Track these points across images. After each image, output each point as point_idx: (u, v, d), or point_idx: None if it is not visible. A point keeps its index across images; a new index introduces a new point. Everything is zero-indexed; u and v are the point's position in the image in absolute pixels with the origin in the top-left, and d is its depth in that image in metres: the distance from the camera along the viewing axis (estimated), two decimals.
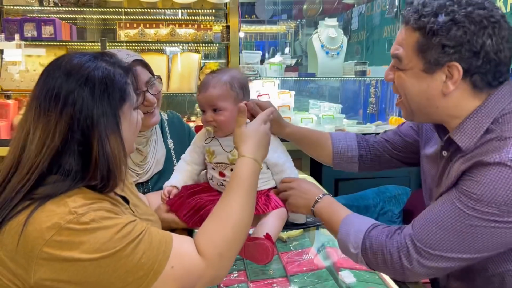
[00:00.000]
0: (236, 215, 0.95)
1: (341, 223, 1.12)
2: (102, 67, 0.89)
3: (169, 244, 0.87)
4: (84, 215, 0.81)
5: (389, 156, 1.40)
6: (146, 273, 0.83)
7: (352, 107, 4.88)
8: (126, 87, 0.92)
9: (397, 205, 2.86)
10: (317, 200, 1.21)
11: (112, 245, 0.81)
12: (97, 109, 0.85)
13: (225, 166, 1.26)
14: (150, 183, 1.50)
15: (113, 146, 0.87)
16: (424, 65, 1.01)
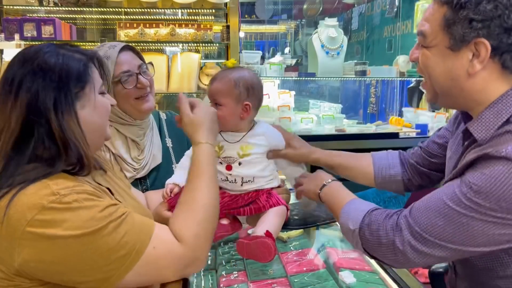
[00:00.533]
0: (203, 197, 1.01)
1: (345, 204, 1.11)
2: (56, 53, 0.92)
3: (151, 227, 0.91)
4: (66, 196, 0.83)
5: (428, 169, 1.34)
6: (129, 252, 0.85)
7: (352, 107, 4.89)
8: (84, 71, 0.94)
9: (397, 205, 2.86)
10: (325, 184, 1.20)
11: (94, 223, 0.83)
12: (48, 94, 0.88)
13: (234, 159, 1.27)
14: (148, 180, 1.50)
15: (71, 128, 0.90)
16: (449, 41, 0.96)
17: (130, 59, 1.41)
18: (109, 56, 1.36)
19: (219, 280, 1.19)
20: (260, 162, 1.28)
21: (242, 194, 1.27)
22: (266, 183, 1.29)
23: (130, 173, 1.44)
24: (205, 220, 0.98)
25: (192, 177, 1.05)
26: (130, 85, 1.39)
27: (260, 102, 1.32)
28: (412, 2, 3.82)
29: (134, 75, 1.39)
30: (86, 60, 0.97)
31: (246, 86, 1.25)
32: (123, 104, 1.40)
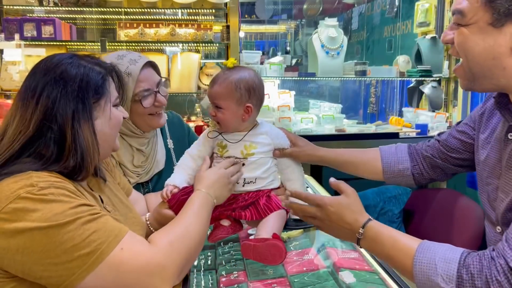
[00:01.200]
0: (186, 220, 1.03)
1: (416, 252, 0.91)
2: (77, 65, 0.97)
3: (123, 231, 0.90)
4: (44, 188, 0.85)
5: (445, 162, 1.29)
6: (93, 251, 0.84)
7: (352, 107, 4.89)
8: (101, 83, 0.99)
9: (397, 205, 2.86)
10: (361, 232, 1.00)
11: (64, 217, 0.83)
12: (69, 102, 0.93)
13: (238, 160, 1.26)
14: (150, 184, 1.50)
15: (86, 136, 0.94)
16: (492, 16, 0.89)
17: (150, 76, 1.40)
18: (130, 73, 1.35)
19: (219, 280, 1.19)
20: (264, 163, 1.27)
21: (242, 193, 1.27)
22: (267, 184, 1.28)
23: (133, 178, 1.44)
24: (185, 236, 0.98)
25: (182, 212, 1.07)
26: (148, 103, 1.39)
27: (261, 102, 1.31)
28: (412, 2, 3.82)
29: (153, 94, 1.39)
30: (105, 74, 1.01)
31: (247, 88, 1.24)
32: (137, 119, 1.41)
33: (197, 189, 1.15)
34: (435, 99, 3.38)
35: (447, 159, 1.29)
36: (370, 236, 0.98)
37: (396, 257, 0.94)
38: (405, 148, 1.37)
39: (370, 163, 1.38)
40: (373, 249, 0.99)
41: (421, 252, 0.90)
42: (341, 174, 1.58)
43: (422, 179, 1.34)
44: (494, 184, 1.09)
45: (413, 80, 3.56)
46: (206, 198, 1.13)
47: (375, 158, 1.37)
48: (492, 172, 1.10)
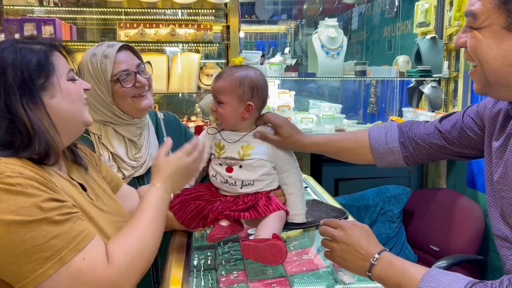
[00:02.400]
0: (143, 230, 0.97)
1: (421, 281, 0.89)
2: (13, 49, 0.92)
3: (88, 238, 0.87)
4: (11, 177, 0.81)
5: (441, 152, 1.22)
6: (51, 256, 0.81)
7: (352, 107, 4.89)
8: (45, 60, 0.94)
9: (397, 205, 2.86)
10: (373, 262, 0.98)
11: (30, 212, 0.80)
12: (14, 90, 0.89)
13: (235, 162, 1.26)
14: (146, 179, 1.50)
15: (41, 120, 0.91)
16: (506, 19, 0.83)
17: (128, 58, 1.42)
18: (108, 55, 1.37)
19: (219, 280, 1.19)
20: (261, 166, 1.27)
21: (241, 196, 1.27)
22: (265, 186, 1.28)
23: (128, 171, 1.44)
24: (140, 252, 0.94)
25: (137, 211, 1.02)
26: (128, 83, 1.39)
27: (264, 103, 1.31)
28: (412, 2, 3.82)
29: (132, 74, 1.40)
30: (46, 49, 0.96)
31: (251, 86, 1.24)
32: (121, 102, 1.41)
33: (154, 184, 1.09)
34: (435, 99, 3.38)
35: (446, 151, 1.22)
36: (383, 263, 0.97)
37: (404, 285, 0.92)
38: (396, 134, 1.28)
39: (359, 152, 1.32)
40: (384, 276, 0.97)
41: (425, 281, 0.89)
42: (341, 173, 1.58)
43: (414, 163, 1.29)
44: (510, 198, 1.01)
45: (413, 80, 3.56)
46: (163, 195, 1.07)
47: (365, 147, 1.31)
48: (509, 185, 1.01)
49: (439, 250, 2.60)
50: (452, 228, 2.59)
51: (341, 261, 1.05)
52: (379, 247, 1.01)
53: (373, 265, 0.98)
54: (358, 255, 1.01)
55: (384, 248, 1.01)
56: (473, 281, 0.87)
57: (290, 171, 1.33)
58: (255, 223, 1.25)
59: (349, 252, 1.02)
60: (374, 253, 0.99)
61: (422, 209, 2.87)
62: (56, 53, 0.99)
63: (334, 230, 1.08)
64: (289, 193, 1.33)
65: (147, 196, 1.06)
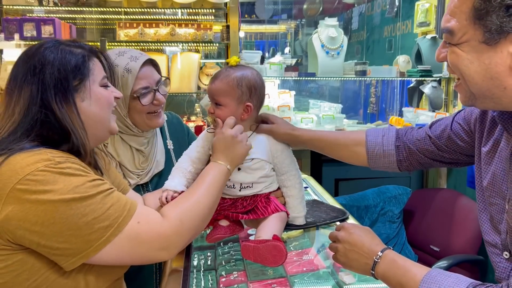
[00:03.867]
0: (197, 196, 1.05)
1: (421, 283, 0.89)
2: (55, 49, 0.98)
3: (134, 206, 0.95)
4: (61, 162, 0.88)
5: (431, 159, 1.22)
6: (111, 224, 0.89)
7: (352, 107, 4.89)
8: (82, 63, 0.99)
9: (397, 205, 2.85)
10: (376, 260, 0.98)
11: (84, 189, 0.87)
12: (50, 87, 0.94)
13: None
14: (150, 185, 1.50)
15: (71, 118, 0.96)
16: (484, 35, 0.82)
17: (150, 74, 1.40)
18: (130, 70, 1.34)
19: (219, 280, 1.19)
20: (260, 168, 1.26)
21: (240, 198, 1.26)
22: (264, 188, 1.27)
23: (134, 180, 1.43)
24: (194, 212, 1.01)
25: (195, 182, 1.11)
26: (147, 101, 1.37)
27: (261, 103, 1.29)
28: (412, 2, 3.82)
29: (152, 92, 1.39)
30: (86, 54, 1.01)
31: (249, 86, 1.22)
32: (135, 117, 1.40)
33: (212, 159, 1.17)
34: (435, 99, 3.37)
35: (436, 157, 1.21)
36: (386, 261, 0.97)
37: (405, 284, 0.92)
38: (393, 138, 1.28)
39: (355, 150, 1.31)
40: (387, 274, 0.97)
41: (426, 282, 0.88)
42: (341, 173, 1.58)
43: (407, 170, 1.29)
44: (499, 205, 1.01)
45: (413, 80, 3.56)
46: (218, 168, 1.13)
47: (361, 146, 1.30)
48: (497, 192, 1.01)
49: (440, 250, 2.60)
50: (453, 228, 2.59)
51: (346, 260, 1.05)
52: (382, 245, 1.01)
53: (376, 263, 0.98)
54: (361, 254, 1.01)
55: (387, 246, 1.01)
56: (474, 282, 0.87)
57: (289, 173, 1.31)
58: (255, 223, 1.24)
59: (352, 251, 1.03)
60: (377, 251, 0.99)
61: (423, 209, 2.86)
62: (94, 58, 1.03)
63: (337, 232, 1.09)
64: (288, 196, 1.32)
65: (204, 170, 1.14)
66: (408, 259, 0.97)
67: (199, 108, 3.51)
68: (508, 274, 0.98)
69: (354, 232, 1.05)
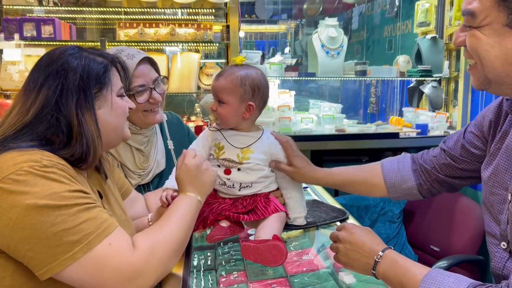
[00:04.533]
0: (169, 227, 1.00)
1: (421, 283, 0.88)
2: (79, 56, 0.99)
3: (112, 226, 0.90)
4: (48, 166, 0.86)
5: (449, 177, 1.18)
6: (80, 240, 0.83)
7: (352, 107, 4.89)
8: (103, 73, 1.00)
9: (397, 205, 2.86)
10: (377, 260, 0.97)
11: (61, 197, 0.84)
12: (71, 92, 0.95)
13: (234, 164, 1.25)
14: (151, 185, 1.50)
15: (89, 125, 0.96)
16: (507, 17, 0.80)
17: (147, 72, 1.39)
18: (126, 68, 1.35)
19: (219, 280, 1.19)
20: (259, 169, 1.26)
21: (239, 198, 1.26)
22: (264, 187, 1.27)
23: (135, 180, 1.43)
24: (166, 244, 0.96)
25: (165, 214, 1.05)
26: (143, 99, 1.37)
27: (264, 103, 1.29)
28: (412, 2, 3.82)
29: (148, 90, 1.38)
30: (107, 64, 1.03)
31: (252, 86, 1.22)
32: (132, 115, 1.39)
33: (180, 192, 1.12)
34: (435, 99, 3.37)
35: (453, 172, 1.18)
36: (387, 261, 0.96)
37: (405, 284, 0.92)
38: (409, 163, 1.26)
39: (372, 183, 1.29)
40: (388, 274, 0.96)
41: (426, 282, 0.88)
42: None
43: (430, 194, 1.26)
44: (501, 195, 1.01)
45: (413, 80, 3.56)
46: (188, 201, 1.09)
47: (378, 176, 1.28)
48: (500, 182, 1.01)
49: (440, 250, 2.60)
50: (453, 228, 2.59)
51: (347, 260, 1.05)
52: (383, 245, 1.01)
53: (377, 262, 0.97)
54: (362, 253, 1.00)
55: (388, 246, 1.00)
56: (474, 283, 0.86)
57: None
58: (255, 224, 1.24)
59: (353, 251, 1.02)
60: (378, 250, 0.98)
61: (423, 209, 2.87)
62: (113, 68, 1.05)
63: (338, 232, 1.09)
64: (288, 197, 1.32)
65: (174, 203, 1.09)
66: (408, 259, 0.97)
67: (199, 108, 3.51)
68: (504, 264, 0.98)
69: (355, 232, 1.04)
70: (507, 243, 1.01)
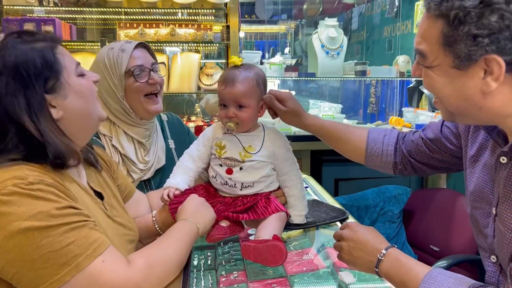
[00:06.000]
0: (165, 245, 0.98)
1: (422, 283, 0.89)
2: (18, 50, 0.85)
3: (104, 245, 0.85)
4: (33, 184, 0.80)
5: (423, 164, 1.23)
6: (68, 262, 0.79)
7: (352, 107, 4.88)
8: (52, 58, 0.89)
9: (397, 205, 2.86)
10: (380, 258, 0.97)
11: (47, 217, 0.79)
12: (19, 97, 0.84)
13: (236, 163, 1.25)
14: (153, 182, 1.50)
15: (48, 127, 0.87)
16: (454, 60, 0.83)
17: (144, 55, 1.44)
18: (125, 49, 1.40)
19: (219, 280, 1.19)
20: (262, 167, 1.26)
21: (240, 197, 1.26)
22: (265, 187, 1.28)
23: (137, 174, 1.44)
24: (164, 262, 0.93)
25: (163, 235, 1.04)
26: (142, 79, 1.40)
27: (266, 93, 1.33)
28: (412, 2, 3.82)
29: (146, 71, 1.42)
30: (53, 46, 0.91)
31: (263, 83, 1.27)
32: (132, 99, 1.41)
33: (180, 219, 1.14)
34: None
35: (428, 160, 1.22)
36: (390, 259, 0.96)
37: (407, 283, 0.92)
38: (394, 139, 1.29)
39: (356, 146, 1.33)
40: (390, 272, 0.96)
41: (426, 282, 0.88)
42: (341, 173, 1.58)
43: (401, 174, 1.30)
44: (484, 209, 1.02)
45: (413, 80, 3.56)
46: (189, 225, 1.09)
47: (362, 142, 1.31)
48: (481, 197, 1.02)
49: (439, 250, 2.60)
50: (452, 228, 2.59)
51: (350, 258, 1.05)
52: (386, 243, 1.01)
53: (380, 260, 0.97)
54: (365, 251, 1.00)
55: (391, 244, 1.00)
56: (474, 284, 0.86)
57: (290, 173, 1.32)
58: (255, 223, 1.25)
59: (356, 249, 1.02)
60: (381, 248, 0.98)
61: (422, 209, 2.87)
62: (59, 47, 0.92)
63: (341, 230, 1.09)
64: (290, 195, 1.33)
65: (175, 226, 1.09)
66: (411, 257, 0.97)
67: (199, 108, 3.52)
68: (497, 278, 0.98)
69: (359, 230, 1.04)
70: (496, 257, 1.02)
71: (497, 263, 1.02)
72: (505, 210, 0.92)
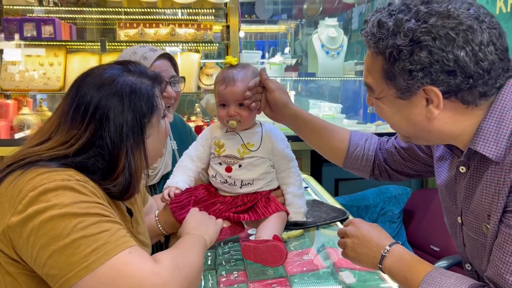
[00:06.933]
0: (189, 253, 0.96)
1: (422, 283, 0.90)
2: (130, 82, 0.91)
3: (130, 242, 0.85)
4: (80, 182, 0.84)
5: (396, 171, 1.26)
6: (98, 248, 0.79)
7: (352, 107, 4.88)
8: (153, 99, 0.94)
9: (397, 205, 2.86)
10: (384, 254, 0.98)
11: (85, 206, 0.82)
12: (124, 126, 0.89)
13: (235, 160, 1.25)
14: (158, 187, 1.50)
15: (137, 162, 0.91)
16: (396, 92, 0.90)
17: (165, 67, 1.41)
18: (147, 57, 1.37)
19: (219, 280, 1.19)
20: (261, 164, 1.27)
21: (240, 196, 1.26)
22: (265, 185, 1.28)
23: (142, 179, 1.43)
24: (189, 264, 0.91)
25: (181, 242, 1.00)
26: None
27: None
28: None
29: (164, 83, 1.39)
30: (153, 85, 0.95)
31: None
32: None
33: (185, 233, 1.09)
34: None
35: (401, 168, 1.25)
36: (394, 256, 0.98)
37: (410, 281, 0.93)
38: (375, 145, 1.30)
39: (336, 146, 1.30)
40: (393, 268, 0.97)
41: (426, 282, 0.89)
42: (341, 173, 1.58)
43: (376, 179, 1.31)
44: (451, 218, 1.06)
45: None
46: (198, 237, 1.06)
47: (343, 143, 1.29)
48: (447, 207, 1.07)
49: (440, 250, 2.60)
50: None
51: (354, 255, 1.05)
52: (390, 239, 1.01)
53: (384, 257, 0.98)
54: (370, 248, 1.01)
55: (395, 241, 1.01)
56: (474, 284, 0.87)
57: (288, 170, 1.32)
58: (255, 223, 1.25)
59: (360, 245, 1.03)
60: (385, 245, 0.99)
61: (423, 209, 2.87)
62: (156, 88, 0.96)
63: (346, 227, 1.09)
64: (288, 192, 1.33)
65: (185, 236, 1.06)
66: (415, 255, 0.97)
67: (199, 108, 3.51)
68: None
69: (363, 227, 1.05)
70: (470, 265, 1.04)
71: (472, 270, 1.04)
72: (469, 217, 0.96)
